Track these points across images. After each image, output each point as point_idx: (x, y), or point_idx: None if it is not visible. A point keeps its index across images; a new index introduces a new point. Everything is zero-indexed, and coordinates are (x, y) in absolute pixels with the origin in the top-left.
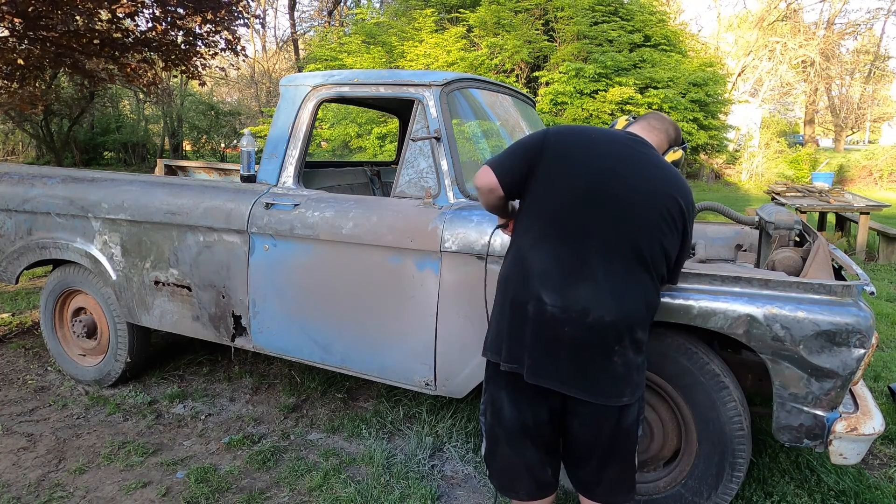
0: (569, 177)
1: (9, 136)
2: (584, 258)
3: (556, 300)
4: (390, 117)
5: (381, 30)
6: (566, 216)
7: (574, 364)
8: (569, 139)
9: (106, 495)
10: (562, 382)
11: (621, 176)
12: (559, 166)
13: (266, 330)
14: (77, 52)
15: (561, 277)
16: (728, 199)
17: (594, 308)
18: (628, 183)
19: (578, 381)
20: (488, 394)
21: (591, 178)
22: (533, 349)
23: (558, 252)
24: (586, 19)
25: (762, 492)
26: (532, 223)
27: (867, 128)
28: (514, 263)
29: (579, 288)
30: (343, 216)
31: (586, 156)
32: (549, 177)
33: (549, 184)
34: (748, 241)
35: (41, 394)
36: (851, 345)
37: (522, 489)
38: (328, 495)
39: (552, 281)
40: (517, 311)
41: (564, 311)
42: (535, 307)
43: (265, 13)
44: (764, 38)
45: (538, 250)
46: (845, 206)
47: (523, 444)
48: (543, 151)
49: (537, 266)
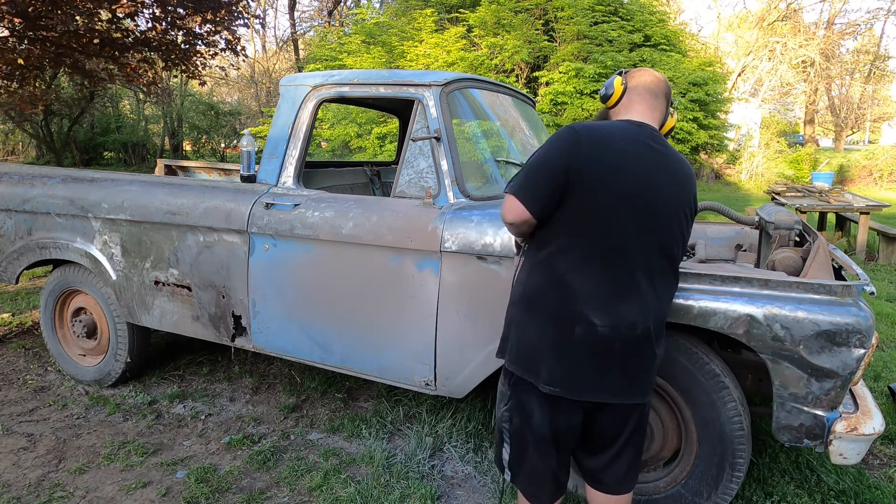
0: (606, 192)
1: (9, 136)
2: (630, 274)
3: (605, 320)
4: (390, 117)
5: (381, 30)
6: (609, 233)
7: (623, 375)
8: (598, 150)
9: (106, 495)
10: (611, 394)
11: (657, 185)
12: (594, 183)
13: (266, 330)
14: (77, 52)
15: (609, 296)
16: (728, 199)
17: (641, 321)
18: (664, 192)
19: (624, 388)
20: (515, 399)
21: (629, 191)
22: (582, 370)
23: (604, 271)
24: (586, 19)
25: (762, 492)
26: (571, 242)
27: (867, 128)
28: (550, 283)
29: (627, 304)
30: (343, 216)
31: (619, 167)
32: (585, 194)
33: (586, 201)
34: (748, 241)
35: (41, 394)
36: (851, 345)
37: (546, 494)
38: (328, 495)
39: (600, 301)
40: (562, 333)
41: (614, 329)
42: (583, 329)
43: (265, 13)
44: (764, 38)
45: (582, 272)
46: (845, 206)
47: (552, 449)
48: (574, 170)
49: (583, 288)
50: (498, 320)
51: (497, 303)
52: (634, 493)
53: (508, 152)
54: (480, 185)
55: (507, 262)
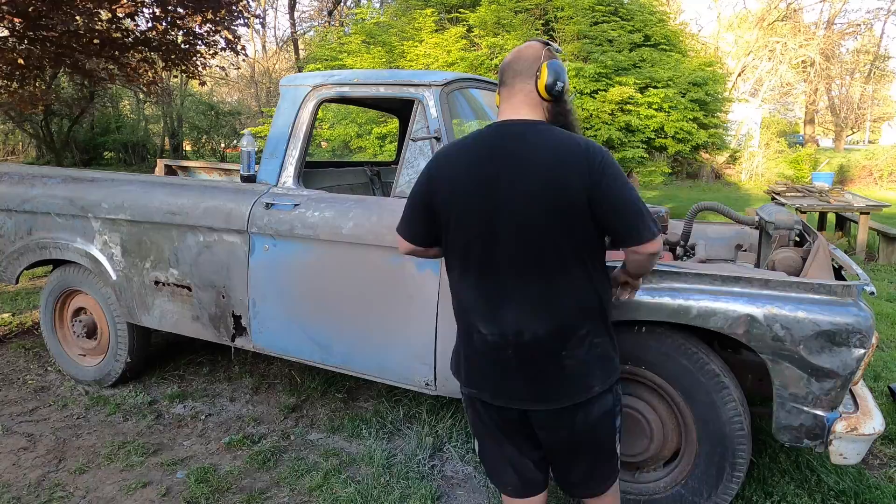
0: (462, 207)
1: (9, 136)
2: (500, 284)
3: (491, 329)
4: (390, 117)
5: (381, 30)
6: (472, 247)
7: (526, 382)
8: (448, 171)
9: (106, 495)
10: (520, 400)
11: (508, 182)
12: (449, 201)
13: (266, 330)
14: (77, 52)
15: (487, 307)
16: (728, 199)
17: (526, 328)
18: (517, 187)
19: (532, 395)
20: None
21: (479, 200)
22: (486, 377)
23: (477, 284)
24: (586, 19)
25: (762, 492)
26: (451, 261)
27: (867, 128)
28: (454, 298)
29: (506, 313)
30: (343, 216)
31: (467, 178)
32: (448, 214)
33: (450, 220)
34: (748, 241)
35: (41, 394)
36: (851, 345)
37: (509, 483)
38: (328, 495)
39: (481, 312)
40: (467, 341)
41: (502, 336)
42: (478, 338)
43: (265, 13)
44: (764, 38)
45: (463, 285)
46: (845, 206)
47: (500, 440)
48: (433, 193)
49: (467, 300)
50: None
51: None
52: (634, 493)
53: None
54: None
55: None
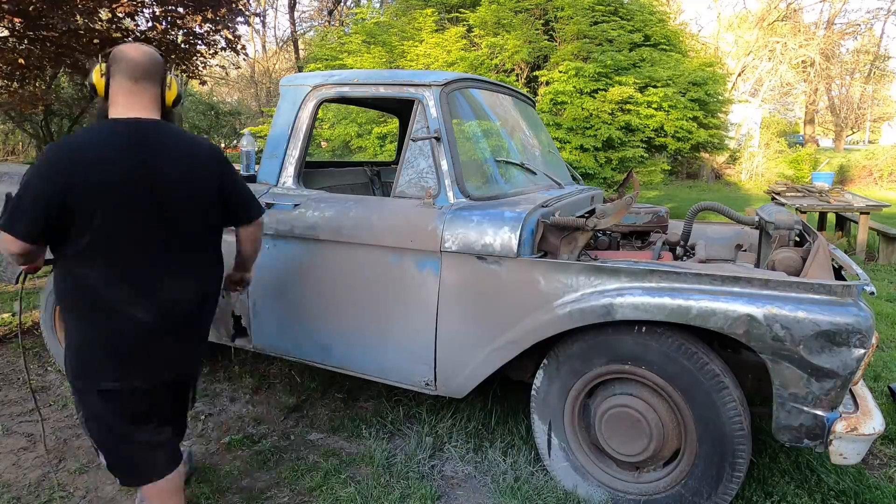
0: (111, 198)
1: (9, 136)
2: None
3: (146, 316)
4: (390, 117)
5: (381, 29)
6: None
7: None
8: (85, 166)
9: (106, 495)
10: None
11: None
12: (93, 194)
13: (266, 330)
14: (77, 51)
15: (142, 293)
16: (728, 199)
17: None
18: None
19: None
20: (87, 411)
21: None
22: (149, 361)
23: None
24: (586, 19)
25: (762, 492)
26: (92, 254)
27: (867, 128)
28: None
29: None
30: (343, 216)
31: (113, 169)
32: (93, 206)
33: (96, 211)
34: (748, 241)
35: (41, 394)
36: (851, 345)
37: (160, 464)
38: (328, 495)
39: (136, 301)
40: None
41: (159, 320)
42: (133, 327)
43: (265, 12)
44: (764, 38)
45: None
46: (845, 206)
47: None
48: (69, 188)
49: (117, 293)
50: (498, 320)
51: (497, 303)
52: (634, 493)
53: (508, 152)
54: (480, 185)
55: (507, 263)
